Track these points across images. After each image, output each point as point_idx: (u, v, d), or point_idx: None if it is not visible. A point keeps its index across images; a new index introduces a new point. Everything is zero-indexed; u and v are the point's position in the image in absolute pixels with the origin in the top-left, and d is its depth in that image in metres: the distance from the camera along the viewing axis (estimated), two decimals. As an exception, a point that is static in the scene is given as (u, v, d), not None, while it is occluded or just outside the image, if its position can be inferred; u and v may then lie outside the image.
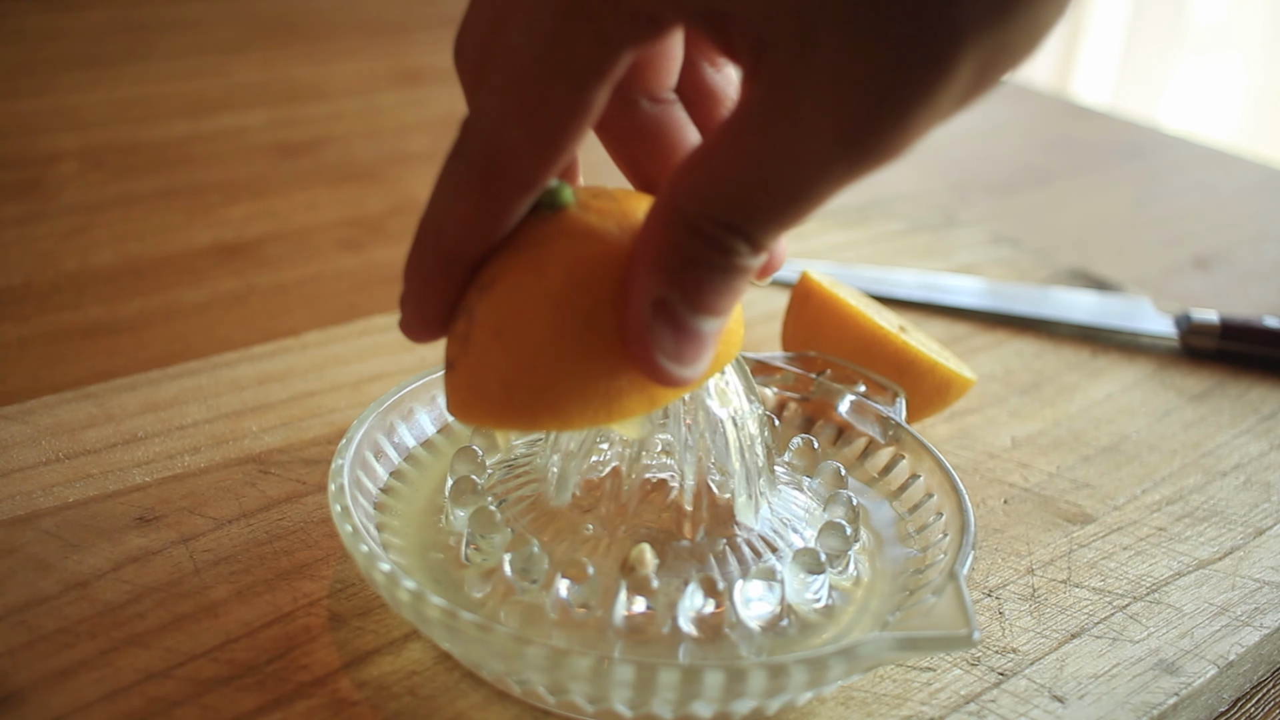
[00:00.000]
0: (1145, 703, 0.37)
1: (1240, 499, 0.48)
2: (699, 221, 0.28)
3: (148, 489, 0.43)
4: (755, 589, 0.35)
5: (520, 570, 0.35)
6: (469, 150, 0.30)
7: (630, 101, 0.34)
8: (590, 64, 0.28)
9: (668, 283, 0.28)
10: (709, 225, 0.28)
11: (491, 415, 0.32)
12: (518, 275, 0.32)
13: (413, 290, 0.33)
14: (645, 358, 0.29)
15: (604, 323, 0.31)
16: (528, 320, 0.31)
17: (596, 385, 0.31)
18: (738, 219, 0.27)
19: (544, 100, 0.28)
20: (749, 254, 0.28)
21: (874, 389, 0.45)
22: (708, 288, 0.28)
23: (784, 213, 0.27)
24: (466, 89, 0.32)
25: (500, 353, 0.31)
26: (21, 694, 0.34)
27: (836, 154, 0.26)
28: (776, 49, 0.26)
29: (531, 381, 0.31)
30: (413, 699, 0.35)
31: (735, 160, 0.27)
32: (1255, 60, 1.87)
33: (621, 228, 0.32)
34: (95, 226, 0.66)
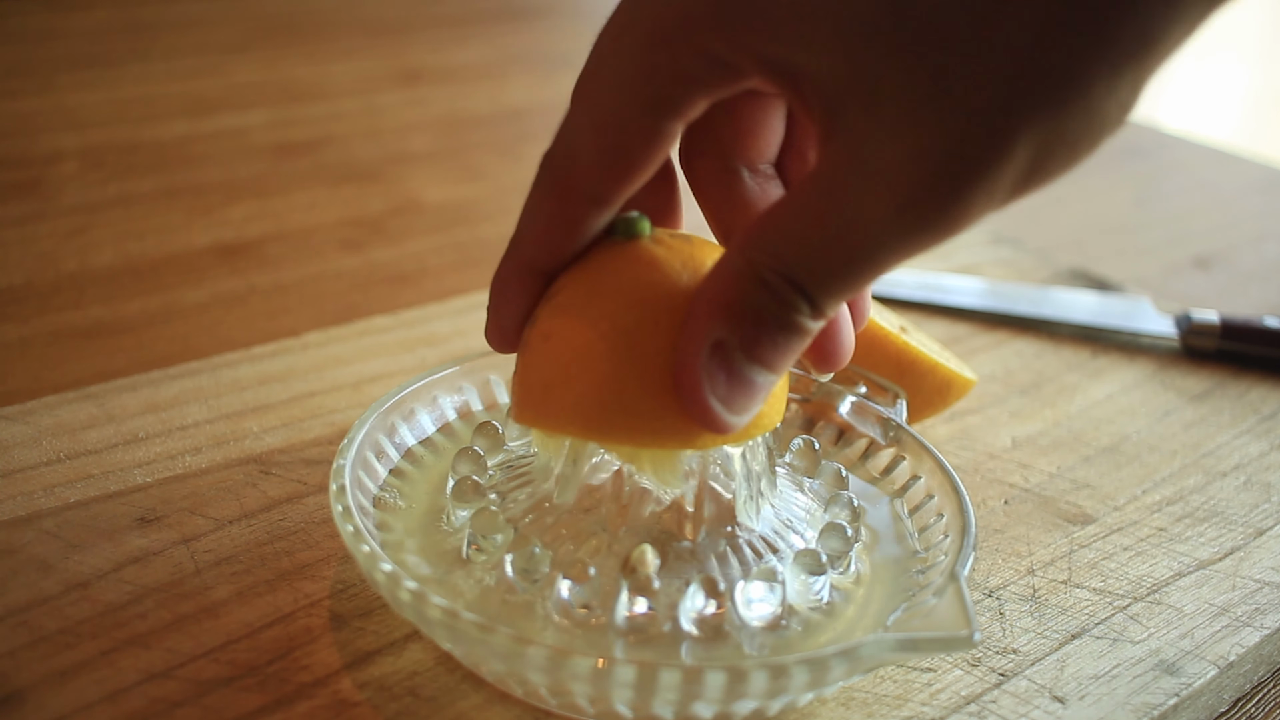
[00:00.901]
0: (1146, 703, 0.37)
1: (1240, 499, 0.48)
2: (766, 274, 0.29)
3: (149, 489, 0.43)
4: (756, 590, 0.35)
5: (521, 570, 0.35)
6: (548, 162, 0.32)
7: (731, 170, 0.35)
8: (666, 96, 0.30)
9: (729, 327, 0.30)
10: (774, 278, 0.29)
11: (530, 415, 0.35)
12: (575, 287, 0.34)
13: (492, 298, 0.35)
14: (695, 395, 0.30)
15: (644, 345, 0.32)
16: (570, 329, 0.33)
17: (625, 402, 0.32)
18: (801, 276, 0.29)
19: (618, 120, 0.30)
20: (809, 314, 0.29)
21: (874, 390, 0.45)
22: (765, 339, 0.30)
23: (844, 276, 0.29)
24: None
25: (544, 355, 0.34)
26: (22, 694, 0.34)
27: (897, 221, 0.27)
28: (846, 113, 0.27)
29: (565, 386, 0.33)
30: (414, 700, 0.35)
31: (804, 218, 0.28)
32: (1255, 60, 1.87)
33: (684, 265, 0.34)
34: (95, 226, 0.66)
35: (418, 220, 0.71)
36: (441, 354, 0.54)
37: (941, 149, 0.26)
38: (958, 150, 0.26)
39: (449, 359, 0.50)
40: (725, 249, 0.31)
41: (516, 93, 0.95)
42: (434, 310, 0.58)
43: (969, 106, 0.26)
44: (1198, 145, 0.97)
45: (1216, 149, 0.96)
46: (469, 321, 0.57)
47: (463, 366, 0.44)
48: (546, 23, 1.16)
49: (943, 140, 0.26)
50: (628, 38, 0.30)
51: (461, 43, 1.07)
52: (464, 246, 0.68)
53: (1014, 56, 0.26)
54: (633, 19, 0.30)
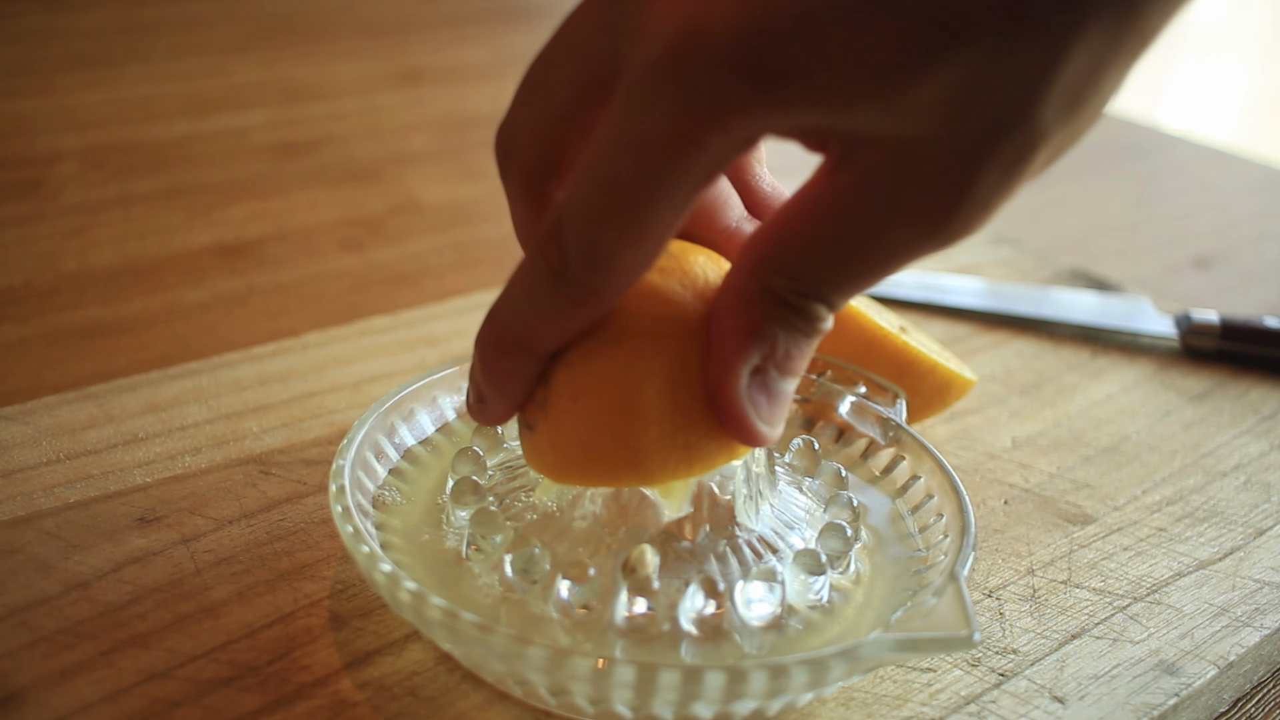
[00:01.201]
0: (1145, 703, 0.37)
1: (1240, 499, 0.48)
2: (787, 295, 0.29)
3: (148, 489, 0.43)
4: (756, 590, 0.35)
5: (521, 571, 0.35)
6: (570, 268, 0.30)
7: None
8: (697, 185, 0.28)
9: (762, 351, 0.30)
10: (796, 298, 0.30)
11: (575, 475, 0.34)
12: (589, 342, 0.33)
13: (495, 385, 0.33)
14: (744, 424, 0.31)
15: (675, 379, 0.32)
16: (601, 383, 0.33)
17: (673, 439, 0.33)
18: (823, 289, 0.29)
19: (651, 221, 0.28)
20: (828, 316, 0.31)
21: (874, 390, 0.45)
22: (796, 354, 0.31)
23: (863, 283, 0.30)
24: (522, 186, 0.34)
25: (578, 416, 0.33)
26: (22, 694, 0.34)
27: (921, 236, 0.28)
28: (869, 148, 0.27)
29: (610, 442, 0.33)
30: (413, 700, 0.35)
31: (821, 238, 0.29)
32: (1255, 60, 1.87)
33: (684, 285, 0.34)
34: (95, 226, 0.66)
35: (418, 220, 0.71)
36: (441, 354, 0.54)
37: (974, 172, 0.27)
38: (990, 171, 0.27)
39: (449, 359, 0.50)
40: (731, 269, 0.31)
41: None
42: (434, 310, 0.58)
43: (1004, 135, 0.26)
44: (1198, 145, 0.97)
45: (1216, 149, 0.96)
46: (469, 321, 0.57)
47: (463, 366, 0.44)
48: (546, 23, 1.16)
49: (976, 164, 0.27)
50: (633, 125, 0.28)
51: (461, 43, 1.07)
52: (464, 246, 0.68)
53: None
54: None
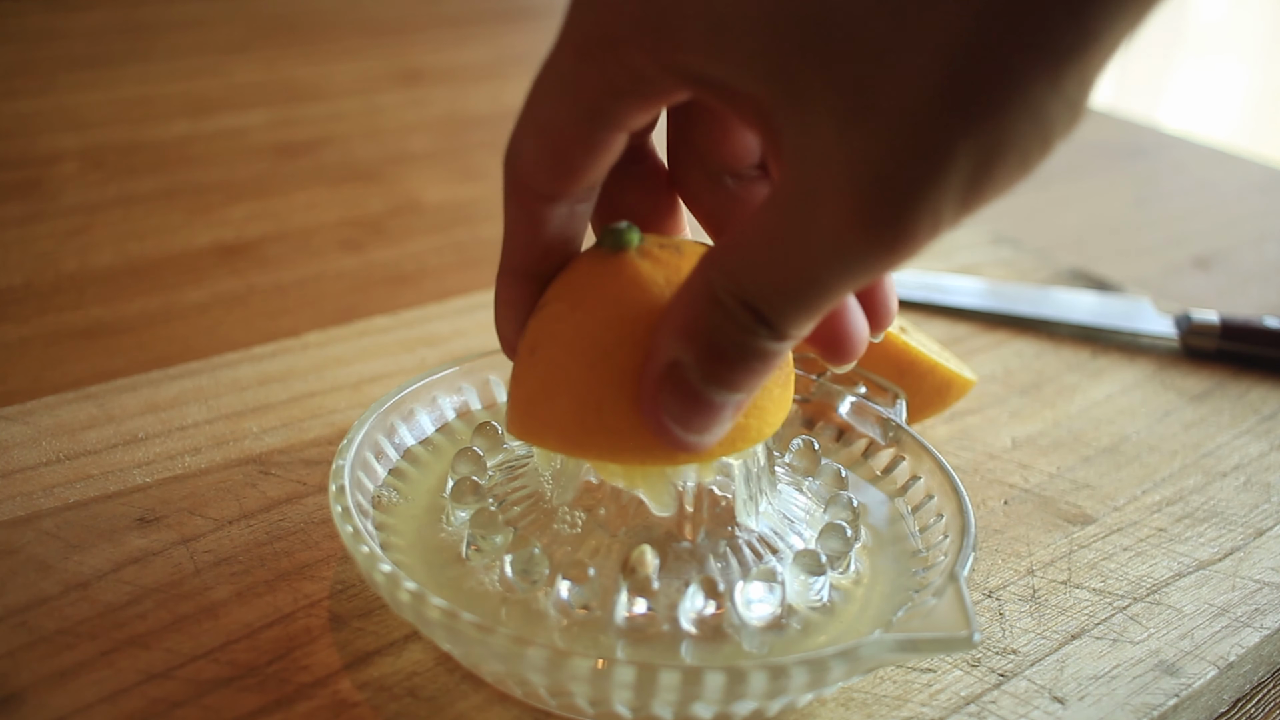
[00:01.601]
0: (1145, 704, 0.37)
1: (1240, 500, 0.48)
2: (722, 295, 0.29)
3: (148, 490, 0.43)
4: (756, 590, 0.35)
5: (521, 571, 0.35)
6: (505, 163, 0.33)
7: (715, 177, 0.35)
8: (597, 108, 0.30)
9: (685, 347, 0.30)
10: (731, 300, 0.28)
11: (518, 428, 0.35)
12: (560, 303, 0.34)
13: (495, 306, 0.36)
14: (652, 414, 0.31)
15: (622, 362, 0.32)
16: (553, 342, 0.33)
17: (599, 418, 0.33)
18: (755, 298, 0.28)
19: (555, 125, 0.31)
20: (768, 336, 0.29)
21: (874, 390, 0.45)
22: (721, 359, 0.29)
23: (797, 298, 0.28)
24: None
25: (529, 369, 0.34)
26: (22, 695, 0.34)
27: (844, 241, 0.26)
28: (785, 131, 0.26)
29: (547, 402, 0.33)
30: (413, 700, 0.35)
31: (758, 239, 0.28)
32: (1255, 60, 1.87)
33: (668, 280, 0.34)
34: (95, 226, 0.66)
35: (418, 220, 0.71)
36: (441, 354, 0.54)
37: (875, 165, 0.25)
38: (891, 166, 0.25)
39: (449, 359, 0.50)
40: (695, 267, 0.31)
41: (516, 93, 0.95)
42: (434, 310, 0.58)
43: (895, 119, 0.25)
44: (1198, 145, 0.97)
45: (1216, 149, 0.96)
46: (469, 321, 0.57)
47: (462, 367, 0.44)
48: (546, 23, 1.16)
49: (875, 155, 0.25)
50: (566, 46, 0.30)
51: (461, 43, 1.07)
52: (464, 246, 0.68)
53: (942, 62, 0.24)
54: (570, 28, 0.30)
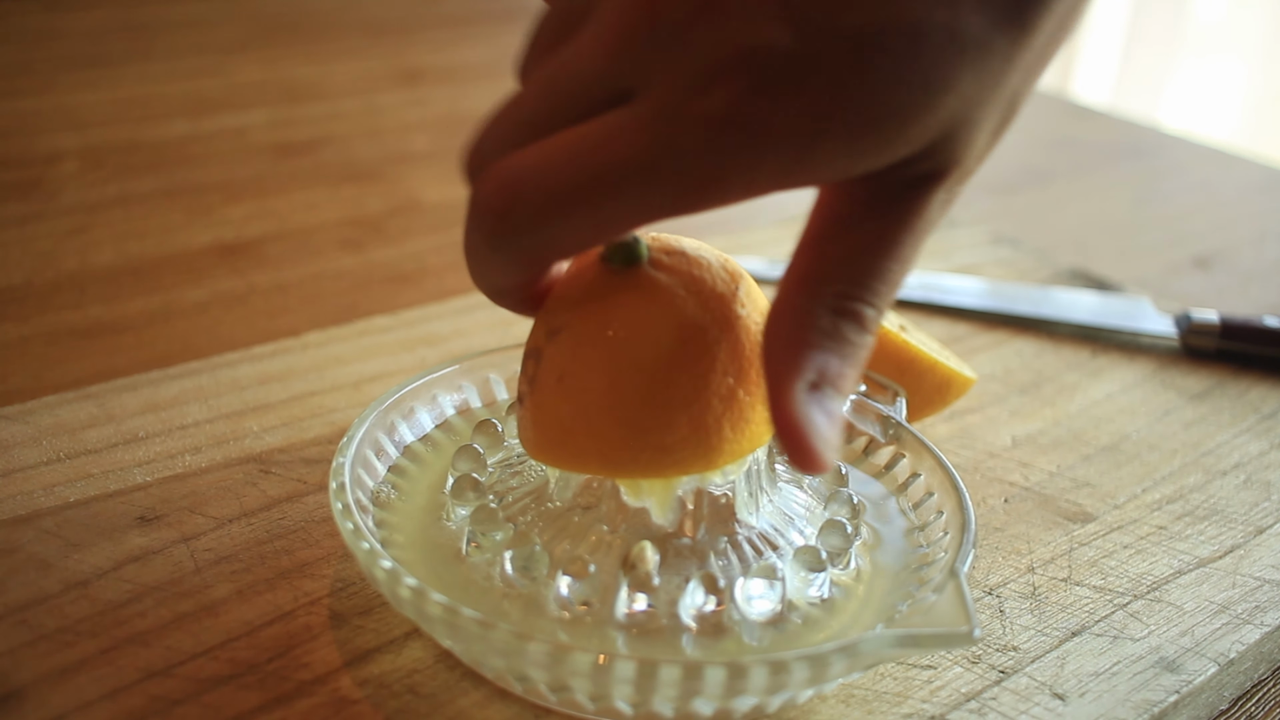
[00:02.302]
0: (1146, 700, 0.37)
1: (1240, 498, 0.48)
2: (839, 303, 0.30)
3: (148, 488, 0.43)
4: (756, 587, 0.35)
5: (521, 568, 0.35)
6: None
7: None
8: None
9: (817, 367, 0.30)
10: (848, 303, 0.30)
11: (549, 455, 0.35)
12: (583, 325, 0.33)
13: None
14: (802, 444, 0.30)
15: (656, 377, 0.33)
16: (586, 369, 0.33)
17: (645, 438, 0.33)
18: (869, 296, 0.30)
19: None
20: (877, 322, 0.31)
21: (874, 388, 0.45)
22: (850, 368, 0.30)
23: (897, 286, 0.31)
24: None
25: (560, 397, 0.33)
26: (22, 692, 0.34)
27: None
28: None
29: (586, 428, 0.33)
30: (413, 697, 0.35)
31: (852, 244, 0.30)
32: (1255, 60, 1.87)
33: (687, 289, 0.34)
34: (95, 226, 0.66)
35: (418, 220, 0.71)
36: (441, 354, 0.54)
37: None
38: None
39: (449, 358, 0.50)
40: (779, 291, 0.31)
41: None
42: (434, 310, 0.58)
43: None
44: (1198, 145, 0.97)
45: (1216, 149, 0.96)
46: (469, 321, 0.57)
47: (462, 365, 0.45)
48: (546, 23, 1.16)
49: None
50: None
51: (461, 43, 1.07)
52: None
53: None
54: None
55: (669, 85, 0.28)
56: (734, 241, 0.68)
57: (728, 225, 0.73)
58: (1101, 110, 1.06)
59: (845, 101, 0.28)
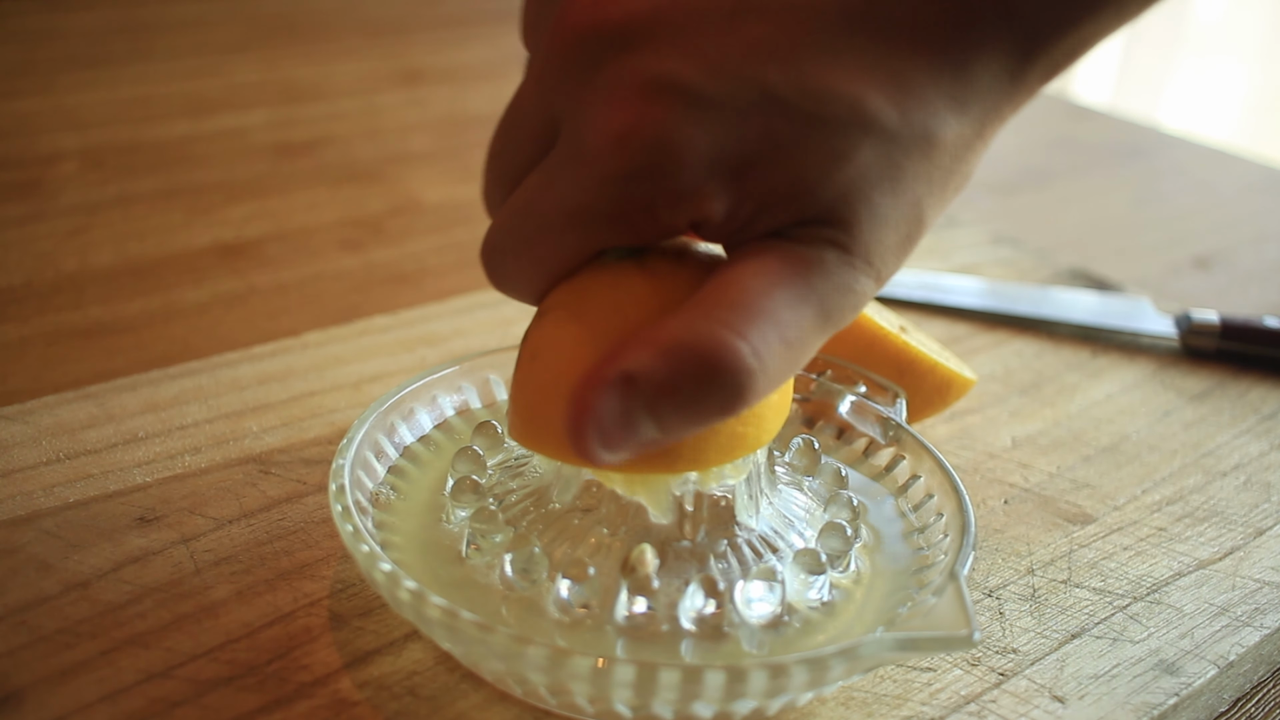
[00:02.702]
0: (1145, 703, 0.37)
1: (1240, 499, 0.48)
2: (727, 335, 0.29)
3: (148, 489, 0.43)
4: (756, 589, 0.35)
5: (521, 570, 0.35)
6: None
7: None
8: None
9: (649, 369, 0.29)
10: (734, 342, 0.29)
11: (519, 434, 0.35)
12: (561, 311, 0.33)
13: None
14: (579, 415, 0.29)
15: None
16: (554, 352, 0.33)
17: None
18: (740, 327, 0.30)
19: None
20: (741, 397, 0.29)
21: (874, 389, 0.45)
22: (680, 404, 0.29)
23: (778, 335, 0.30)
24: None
25: (531, 375, 0.34)
26: (22, 694, 0.34)
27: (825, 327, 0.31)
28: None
29: (545, 410, 0.33)
30: (413, 699, 0.35)
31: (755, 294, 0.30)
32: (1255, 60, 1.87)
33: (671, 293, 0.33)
34: (95, 226, 0.66)
35: (418, 220, 0.71)
36: (441, 354, 0.54)
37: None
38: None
39: (449, 359, 0.50)
40: (690, 303, 0.30)
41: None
42: (434, 310, 0.58)
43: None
44: (1198, 145, 0.97)
45: (1216, 149, 0.96)
46: (469, 321, 0.57)
47: (462, 366, 0.44)
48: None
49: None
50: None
51: (461, 43, 1.07)
52: (464, 246, 0.68)
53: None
54: None
55: (580, 113, 0.30)
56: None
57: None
58: (1101, 110, 1.06)
59: (742, 147, 0.29)
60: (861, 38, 0.28)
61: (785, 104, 0.28)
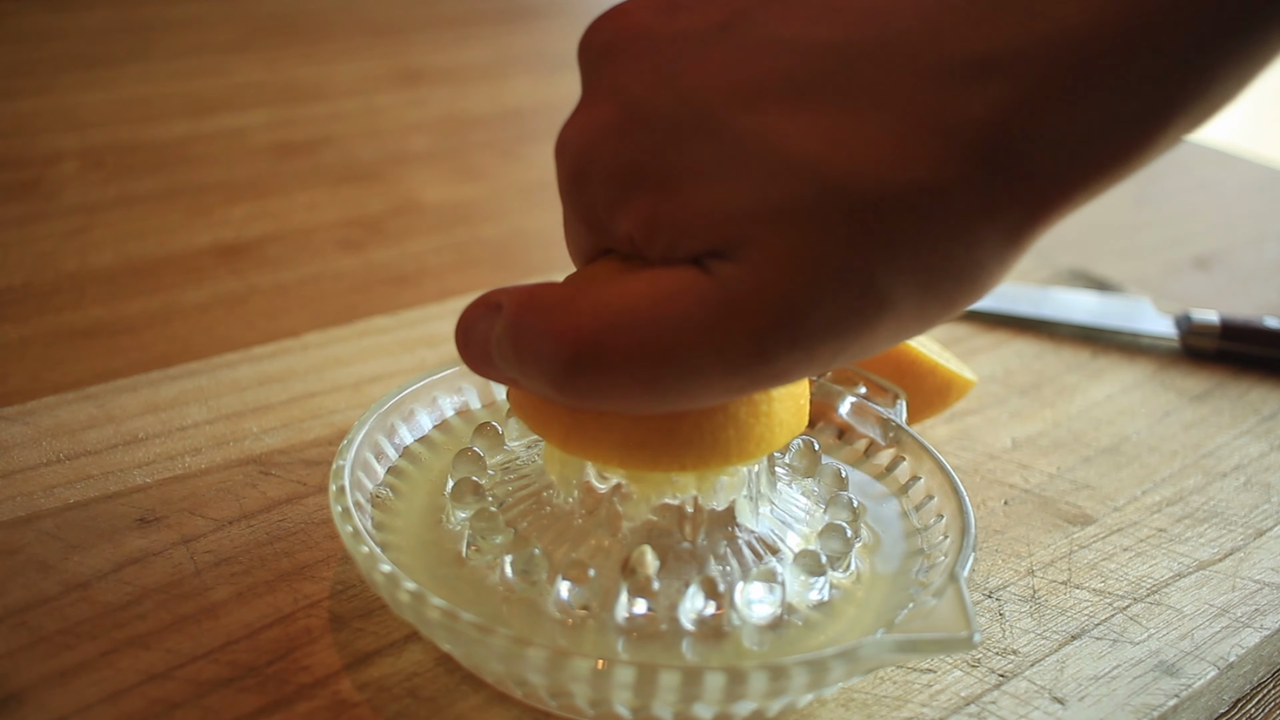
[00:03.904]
0: (1145, 704, 0.37)
1: (1240, 500, 0.48)
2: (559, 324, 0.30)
3: (148, 490, 0.43)
4: (756, 591, 0.35)
5: (521, 571, 0.35)
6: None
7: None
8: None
9: (513, 310, 0.31)
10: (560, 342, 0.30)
11: (516, 407, 0.36)
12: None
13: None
14: (459, 323, 0.32)
15: None
16: None
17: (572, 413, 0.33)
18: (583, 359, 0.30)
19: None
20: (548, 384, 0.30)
21: (874, 390, 0.45)
22: (515, 349, 0.31)
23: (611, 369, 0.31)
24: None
25: None
26: (22, 695, 0.34)
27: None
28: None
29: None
30: (413, 700, 0.35)
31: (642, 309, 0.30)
32: (1255, 60, 1.87)
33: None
34: (95, 226, 0.66)
35: (418, 220, 0.71)
36: (441, 354, 0.54)
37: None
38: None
39: (449, 359, 0.50)
40: (587, 282, 0.31)
41: (516, 93, 0.95)
42: (434, 310, 0.58)
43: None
44: (1198, 145, 0.97)
45: (1216, 149, 0.96)
46: (469, 322, 0.57)
47: (462, 367, 0.44)
48: (546, 23, 1.16)
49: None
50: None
51: (461, 43, 1.07)
52: (464, 246, 0.68)
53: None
54: None
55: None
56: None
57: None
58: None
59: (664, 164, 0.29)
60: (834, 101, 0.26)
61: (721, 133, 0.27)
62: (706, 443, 0.33)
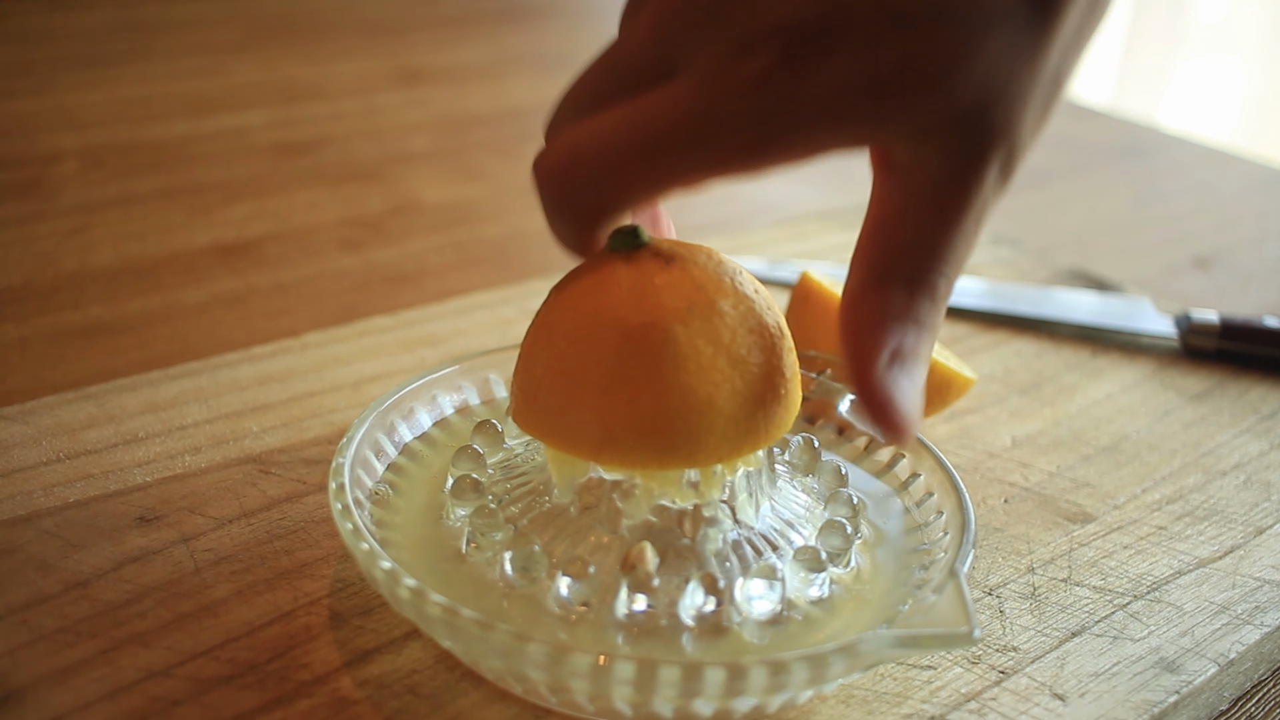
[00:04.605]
0: (1146, 701, 0.37)
1: (1240, 498, 0.48)
2: (911, 281, 0.32)
3: (148, 489, 0.43)
4: (756, 587, 0.35)
5: (521, 568, 0.35)
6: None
7: None
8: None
9: (913, 331, 0.32)
10: (940, 281, 0.32)
11: (513, 411, 0.37)
12: (551, 299, 0.36)
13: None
14: (890, 415, 0.32)
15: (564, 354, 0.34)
16: (531, 339, 0.36)
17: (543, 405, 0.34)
18: (938, 274, 0.32)
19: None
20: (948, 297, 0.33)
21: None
22: (927, 338, 0.32)
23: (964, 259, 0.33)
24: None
25: (521, 361, 0.36)
26: (22, 693, 0.34)
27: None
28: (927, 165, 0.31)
29: (538, 396, 0.35)
30: (413, 697, 0.35)
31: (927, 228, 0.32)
32: (1255, 60, 1.87)
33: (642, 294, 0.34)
34: (95, 226, 0.66)
35: (418, 220, 0.71)
36: (441, 354, 0.54)
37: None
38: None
39: (448, 359, 0.50)
40: (850, 279, 0.33)
41: (516, 93, 0.95)
42: (434, 310, 0.58)
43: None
44: (1198, 145, 0.97)
45: (1216, 149, 0.96)
46: (469, 321, 0.57)
47: (462, 365, 0.45)
48: (546, 23, 1.16)
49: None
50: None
51: (461, 43, 1.07)
52: (464, 246, 0.68)
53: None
54: None
55: (708, 58, 0.30)
56: (734, 242, 0.68)
57: (727, 226, 0.73)
58: (1101, 110, 1.06)
59: (872, 68, 0.29)
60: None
61: (903, 17, 0.29)
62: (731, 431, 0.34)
